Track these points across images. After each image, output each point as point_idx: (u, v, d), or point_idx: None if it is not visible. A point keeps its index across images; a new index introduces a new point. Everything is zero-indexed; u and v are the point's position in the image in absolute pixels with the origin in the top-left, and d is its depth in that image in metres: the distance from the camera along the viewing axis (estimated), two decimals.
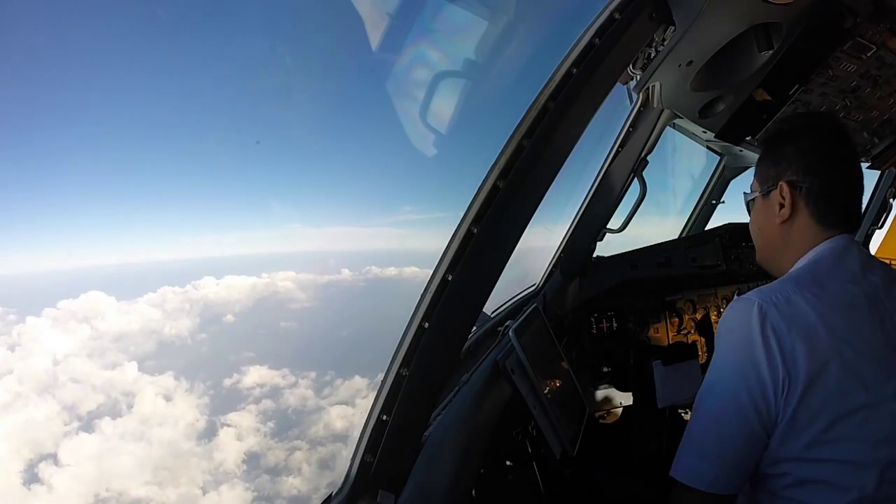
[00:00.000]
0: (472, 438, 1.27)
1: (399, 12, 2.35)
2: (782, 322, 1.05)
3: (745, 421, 1.07)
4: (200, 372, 71.52)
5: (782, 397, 1.05)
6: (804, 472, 1.07)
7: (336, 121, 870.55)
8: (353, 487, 1.07)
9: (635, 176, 2.40)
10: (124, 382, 71.96)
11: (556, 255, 2.59)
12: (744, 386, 1.07)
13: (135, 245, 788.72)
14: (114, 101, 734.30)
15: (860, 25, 1.62)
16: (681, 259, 2.64)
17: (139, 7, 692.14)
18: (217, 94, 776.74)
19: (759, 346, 1.05)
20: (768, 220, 1.27)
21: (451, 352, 1.20)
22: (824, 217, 1.20)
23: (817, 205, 1.20)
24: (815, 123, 1.28)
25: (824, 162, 1.21)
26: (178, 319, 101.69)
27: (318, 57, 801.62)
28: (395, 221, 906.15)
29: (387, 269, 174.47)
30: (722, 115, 2.01)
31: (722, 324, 1.17)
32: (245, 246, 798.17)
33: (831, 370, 1.03)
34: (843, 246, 1.19)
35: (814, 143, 1.23)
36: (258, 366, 68.07)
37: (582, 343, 2.52)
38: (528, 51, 2.20)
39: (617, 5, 1.23)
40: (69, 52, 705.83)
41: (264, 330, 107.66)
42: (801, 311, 1.07)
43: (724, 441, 1.09)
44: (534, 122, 1.15)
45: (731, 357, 1.12)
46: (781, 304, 1.08)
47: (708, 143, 2.77)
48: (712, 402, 1.13)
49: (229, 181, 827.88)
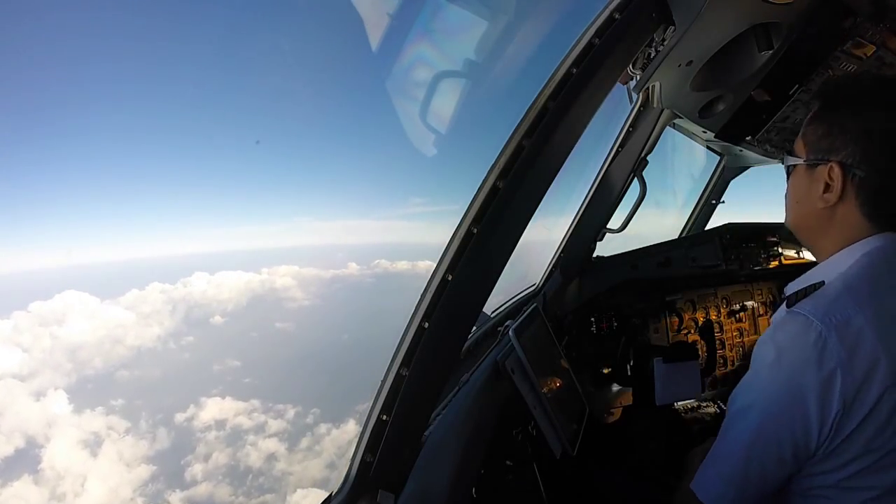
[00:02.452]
0: (472, 438, 1.27)
1: (400, 12, 2.36)
2: (844, 351, 0.93)
3: (779, 454, 1.00)
4: (152, 400, 56.53)
5: (829, 433, 0.96)
6: (842, 498, 1.01)
7: (338, 115, 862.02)
8: (353, 487, 1.07)
9: (635, 176, 2.40)
10: (38, 423, 53.63)
11: (556, 254, 2.59)
12: (787, 419, 0.98)
13: (135, 240, 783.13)
14: (111, 97, 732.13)
15: (860, 25, 1.61)
16: (681, 259, 2.63)
17: (139, 6, 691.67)
18: (218, 89, 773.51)
19: (815, 381, 0.94)
20: (809, 198, 1.10)
21: (451, 352, 1.20)
22: (875, 213, 1.05)
23: (869, 199, 1.04)
24: (887, 98, 1.05)
25: (887, 151, 1.02)
26: (150, 326, 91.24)
27: (318, 55, 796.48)
28: (405, 214, 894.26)
29: (398, 262, 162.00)
30: (722, 115, 2.01)
31: (770, 340, 1.03)
32: (252, 240, 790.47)
33: (885, 400, 0.93)
34: (894, 247, 1.04)
35: (881, 124, 1.02)
36: (219, 398, 52.56)
37: (582, 343, 2.51)
38: (528, 51, 2.20)
39: (617, 5, 1.23)
40: (68, 52, 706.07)
41: (257, 333, 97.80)
42: (863, 337, 0.94)
43: (752, 469, 1.03)
44: (534, 122, 1.15)
45: (777, 383, 1.00)
46: (842, 326, 0.95)
47: (708, 143, 2.77)
48: (747, 427, 1.04)
49: (233, 174, 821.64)
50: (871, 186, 1.04)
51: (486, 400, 1.42)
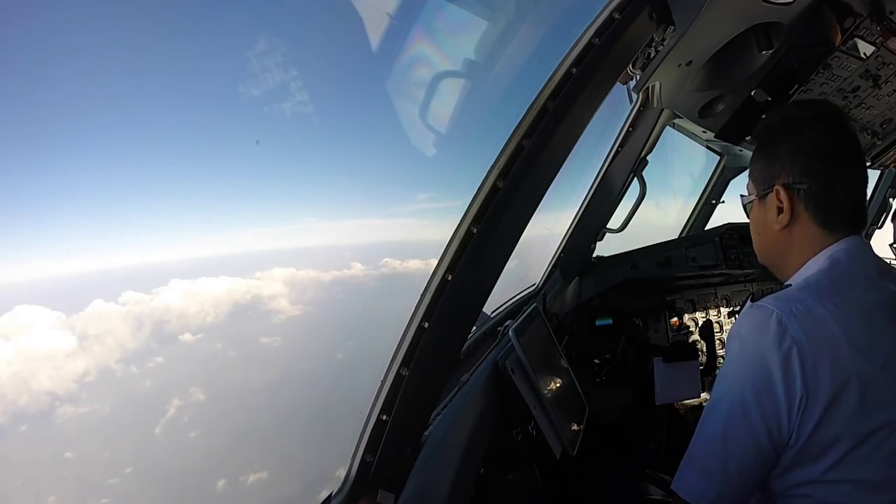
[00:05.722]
0: (472, 438, 1.27)
1: (400, 12, 2.37)
2: (803, 336, 0.97)
3: (754, 440, 1.01)
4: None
5: (797, 418, 0.98)
6: (824, 494, 1.01)
7: (338, 116, 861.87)
8: (352, 487, 1.07)
9: (635, 176, 2.41)
10: None
11: (556, 254, 2.59)
12: (755, 403, 1.00)
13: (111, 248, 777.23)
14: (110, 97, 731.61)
15: (860, 25, 1.61)
16: (681, 259, 2.63)
17: (139, 5, 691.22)
18: (219, 87, 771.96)
19: (776, 361, 0.98)
20: (767, 225, 1.19)
21: (450, 352, 1.20)
22: (827, 219, 1.12)
23: (818, 207, 1.12)
24: (808, 116, 1.16)
25: (820, 161, 1.11)
26: (77, 359, 63.85)
27: (317, 55, 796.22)
28: (411, 211, 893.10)
29: (408, 261, 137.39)
30: (722, 115, 2.01)
31: (734, 332, 1.09)
32: (251, 243, 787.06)
33: (851, 388, 0.96)
34: (858, 249, 1.10)
35: (807, 139, 1.13)
36: None
37: (582, 343, 2.52)
38: (528, 51, 2.21)
39: (616, 5, 1.23)
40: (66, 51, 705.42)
41: (235, 352, 74.24)
42: (824, 324, 0.98)
43: (731, 459, 1.03)
44: (533, 122, 1.15)
45: (743, 370, 1.04)
46: (802, 314, 0.99)
47: (708, 142, 2.77)
48: (719, 418, 1.05)
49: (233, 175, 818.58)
50: (815, 195, 1.12)
51: (486, 400, 1.42)
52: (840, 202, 1.13)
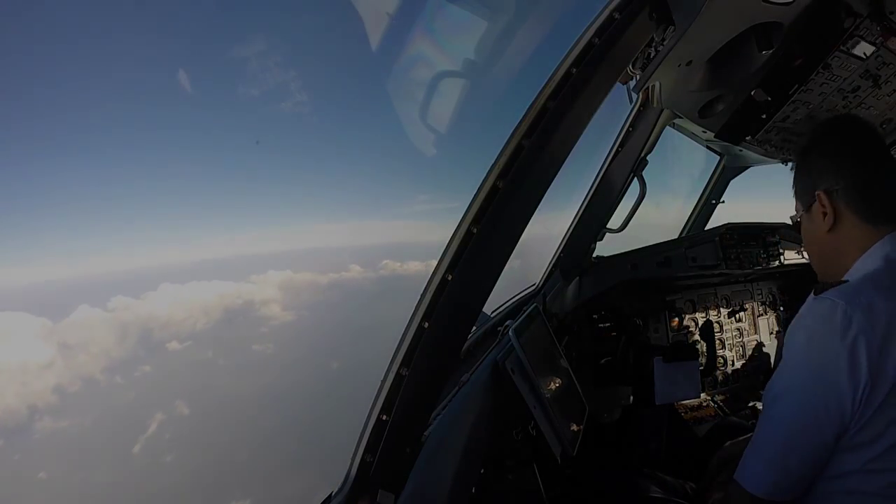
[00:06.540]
0: (472, 438, 1.27)
1: (400, 12, 2.37)
2: (867, 324, 1.01)
3: (820, 432, 1.04)
4: None
5: (860, 406, 1.01)
6: (862, 484, 1.04)
7: (338, 115, 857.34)
8: (352, 487, 1.07)
9: (635, 176, 2.40)
10: None
11: (556, 254, 2.59)
12: (822, 395, 1.03)
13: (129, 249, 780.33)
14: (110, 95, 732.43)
15: (860, 25, 1.61)
16: (681, 259, 2.64)
17: (139, 5, 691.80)
18: (219, 87, 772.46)
19: (844, 353, 1.01)
20: (818, 234, 1.25)
21: (450, 352, 1.20)
22: (869, 213, 1.18)
23: (858, 204, 1.18)
24: (834, 125, 1.29)
25: (851, 158, 1.20)
26: (43, 378, 61.29)
27: (318, 55, 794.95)
28: (411, 212, 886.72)
29: (407, 263, 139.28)
30: (722, 115, 2.01)
31: (799, 325, 1.12)
32: (250, 246, 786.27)
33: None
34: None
35: (836, 144, 1.23)
36: None
37: (582, 343, 2.52)
38: (528, 50, 2.21)
39: (616, 5, 1.24)
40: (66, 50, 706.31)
41: (225, 360, 73.33)
42: (886, 316, 1.02)
43: (795, 450, 1.07)
44: (533, 122, 1.15)
45: (809, 362, 1.07)
46: (866, 308, 1.03)
47: (708, 142, 2.77)
48: (785, 409, 1.09)
49: (233, 175, 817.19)
50: (853, 193, 1.19)
51: (486, 400, 1.42)
52: (879, 197, 1.18)
